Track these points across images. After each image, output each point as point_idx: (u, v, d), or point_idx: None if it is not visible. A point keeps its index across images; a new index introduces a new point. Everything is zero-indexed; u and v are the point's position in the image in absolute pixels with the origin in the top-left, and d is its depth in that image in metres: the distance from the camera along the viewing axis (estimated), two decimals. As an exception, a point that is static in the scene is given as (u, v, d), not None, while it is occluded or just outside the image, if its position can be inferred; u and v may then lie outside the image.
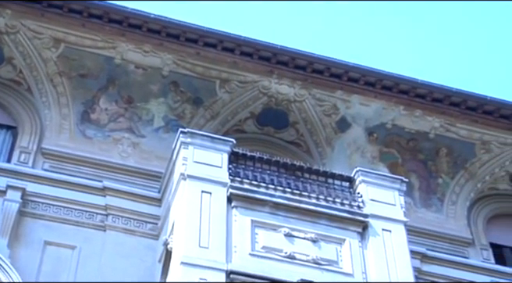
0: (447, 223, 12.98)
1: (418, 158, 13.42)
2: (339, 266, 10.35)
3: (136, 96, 12.79)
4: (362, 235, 10.76)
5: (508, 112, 13.25)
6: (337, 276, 10.20)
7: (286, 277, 9.91)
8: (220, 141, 11.32)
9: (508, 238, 13.39)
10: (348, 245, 10.58)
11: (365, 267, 10.41)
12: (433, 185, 13.35)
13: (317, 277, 9.99)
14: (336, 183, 11.40)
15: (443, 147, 13.41)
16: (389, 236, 10.82)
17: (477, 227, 13.22)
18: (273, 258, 10.17)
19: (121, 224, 11.45)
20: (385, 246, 10.70)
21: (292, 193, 10.86)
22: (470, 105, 13.24)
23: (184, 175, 10.79)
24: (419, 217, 12.85)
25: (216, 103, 13.05)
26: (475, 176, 13.49)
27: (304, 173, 11.38)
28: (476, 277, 12.33)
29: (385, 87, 13.15)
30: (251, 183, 10.83)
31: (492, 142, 13.43)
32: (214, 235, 10.11)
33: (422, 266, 12.10)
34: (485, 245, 12.99)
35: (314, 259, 10.27)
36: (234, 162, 11.15)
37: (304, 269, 10.11)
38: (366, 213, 10.91)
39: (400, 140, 13.39)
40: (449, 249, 12.63)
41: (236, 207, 10.58)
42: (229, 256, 9.99)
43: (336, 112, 13.29)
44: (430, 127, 13.35)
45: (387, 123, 13.34)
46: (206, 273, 9.66)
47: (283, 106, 13.26)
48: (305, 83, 13.11)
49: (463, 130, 13.38)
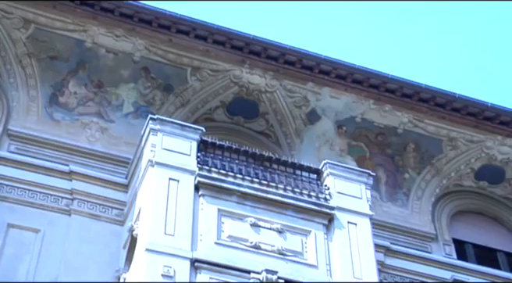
0: (412, 218, 13.11)
1: (386, 152, 13.53)
2: (303, 257, 10.40)
3: (106, 81, 12.68)
4: (328, 227, 10.82)
5: (475, 110, 13.41)
6: (301, 267, 10.25)
7: (250, 266, 9.94)
8: (189, 128, 11.28)
9: (470, 234, 13.57)
10: (313, 236, 10.63)
11: (329, 259, 10.47)
12: (399, 180, 13.47)
13: (281, 268, 10.03)
14: (304, 175, 11.45)
15: (411, 142, 13.53)
16: (354, 229, 10.90)
17: (441, 222, 13.38)
18: (238, 247, 10.18)
19: (86, 209, 11.37)
20: (350, 239, 10.77)
21: (259, 183, 10.87)
22: (438, 102, 13.37)
23: (152, 162, 10.74)
24: (384, 211, 12.96)
25: (187, 91, 13.00)
26: (441, 172, 13.64)
27: (272, 164, 11.40)
28: (438, 271, 12.49)
29: (356, 80, 13.22)
30: (219, 172, 10.82)
31: (459, 139, 13.59)
32: (180, 223, 10.09)
33: (386, 259, 12.21)
34: (447, 240, 13.16)
35: (280, 250, 10.30)
36: (203, 151, 11.13)
37: (268, 259, 10.14)
38: (332, 206, 10.97)
39: (369, 134, 13.49)
40: (413, 244, 12.77)
41: (204, 196, 10.57)
42: (194, 244, 9.98)
43: (307, 104, 13.33)
44: (399, 122, 13.45)
45: (356, 116, 13.42)
46: (171, 260, 9.64)
47: (254, 96, 13.26)
48: (277, 74, 13.11)
49: (431, 126, 13.51)
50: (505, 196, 13.98)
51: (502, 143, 13.60)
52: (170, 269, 9.56)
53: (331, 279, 10.24)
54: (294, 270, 10.14)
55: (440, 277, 12.42)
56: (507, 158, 13.68)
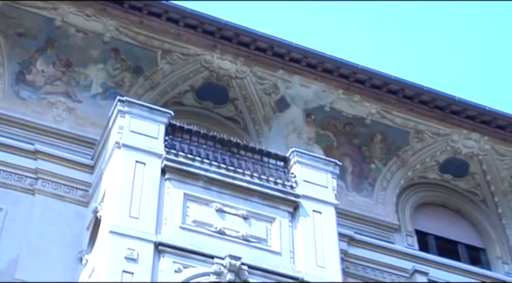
0: (376, 209, 13.22)
1: (353, 142, 13.60)
2: (267, 244, 10.43)
3: (75, 60, 12.53)
4: (293, 215, 10.86)
5: (443, 103, 13.54)
6: (265, 254, 10.28)
7: (214, 251, 9.94)
8: (158, 112, 11.21)
9: (433, 226, 13.73)
10: (278, 224, 10.66)
11: (293, 247, 10.53)
12: (366, 170, 13.56)
13: (245, 254, 10.05)
14: (271, 162, 11.46)
15: (378, 133, 13.62)
16: (319, 217, 10.96)
17: (404, 213, 13.51)
18: (203, 232, 10.18)
19: (51, 189, 11.26)
20: (314, 227, 10.83)
21: (226, 169, 10.87)
22: (407, 94, 13.46)
23: (119, 144, 10.67)
24: (349, 201, 13.05)
25: (156, 74, 12.91)
26: (407, 164, 13.76)
27: (240, 150, 11.40)
28: (400, 262, 12.62)
29: (326, 70, 13.25)
30: (186, 156, 10.79)
31: (426, 132, 13.71)
32: (145, 206, 10.05)
33: (349, 248, 12.30)
34: (410, 231, 13.30)
35: (244, 236, 10.32)
36: (171, 135, 11.08)
37: (232, 245, 10.16)
38: (298, 194, 11.01)
39: (337, 123, 13.54)
40: (376, 234, 12.88)
41: (170, 179, 10.53)
42: (158, 227, 9.95)
43: (276, 92, 13.33)
44: (367, 113, 13.53)
45: (325, 105, 13.46)
46: (134, 243, 9.60)
47: (224, 82, 13.22)
48: (247, 60, 13.08)
49: (398, 118, 13.61)
50: (468, 190, 14.15)
51: (467, 137, 13.76)
52: (133, 252, 9.52)
53: (294, 266, 10.29)
54: (258, 257, 10.17)
55: (402, 268, 12.55)
56: (472, 152, 13.85)
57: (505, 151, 13.86)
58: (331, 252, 10.62)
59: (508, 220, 13.88)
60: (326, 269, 10.40)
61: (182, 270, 9.68)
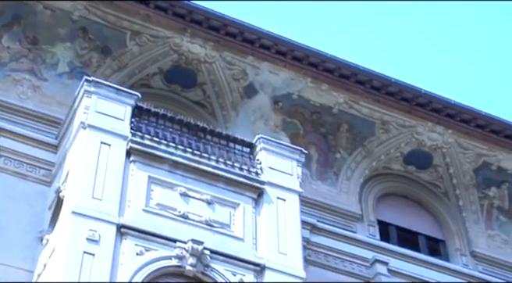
0: (339, 198, 13.30)
1: (320, 131, 13.65)
2: (230, 229, 10.44)
3: (42, 38, 12.35)
4: (257, 201, 10.89)
5: (409, 95, 13.63)
6: (228, 239, 10.30)
7: (177, 235, 9.93)
8: (125, 93, 11.11)
9: (395, 216, 13.87)
10: (242, 209, 10.68)
11: (256, 233, 10.55)
12: (331, 159, 13.63)
13: (208, 239, 10.05)
14: (237, 148, 11.45)
15: (345, 123, 13.69)
16: (282, 205, 10.99)
17: (367, 203, 13.62)
18: (166, 216, 10.15)
19: (13, 167, 11.12)
20: (277, 214, 10.86)
21: (192, 153, 10.83)
22: (374, 85, 13.53)
23: (84, 124, 10.56)
24: (313, 189, 13.11)
25: (125, 55, 12.79)
26: (372, 154, 13.86)
27: (206, 135, 11.36)
28: (361, 251, 12.73)
29: (296, 58, 13.25)
30: (152, 139, 10.73)
31: (392, 123, 13.81)
32: (108, 188, 9.98)
33: (311, 236, 12.37)
34: (372, 221, 13.42)
35: (207, 221, 10.32)
36: (137, 117, 11.00)
37: (195, 229, 10.15)
38: (263, 180, 11.03)
39: (304, 112, 13.57)
40: (339, 223, 12.97)
41: (135, 162, 10.47)
42: (121, 209, 9.90)
43: (245, 78, 13.31)
44: (334, 102, 13.58)
45: (293, 93, 13.48)
46: (96, 224, 9.54)
47: (193, 66, 13.15)
48: (217, 45, 13.03)
49: (365, 108, 13.68)
50: (430, 182, 14.31)
51: (432, 130, 13.90)
52: (95, 233, 9.46)
53: (256, 253, 10.32)
54: (220, 242, 10.18)
55: (362, 257, 12.67)
56: (436, 144, 14.00)
57: (468, 145, 14.03)
58: (293, 240, 10.67)
59: (468, 213, 14.08)
60: (288, 256, 10.45)
61: (144, 253, 9.65)
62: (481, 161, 14.12)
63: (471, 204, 14.13)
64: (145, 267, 9.54)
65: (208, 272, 9.83)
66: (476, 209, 14.12)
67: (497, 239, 14.03)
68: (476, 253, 13.68)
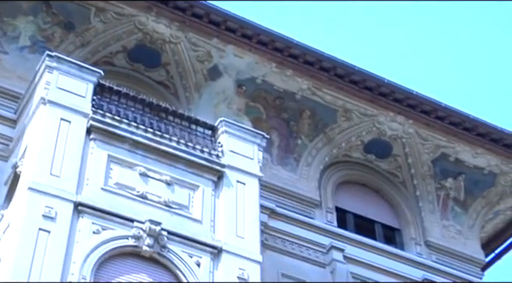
0: (299, 183, 13.36)
1: (282, 116, 13.67)
2: (189, 211, 10.43)
3: (3, 10, 12.11)
4: (216, 184, 10.88)
5: (372, 84, 13.72)
6: (186, 221, 10.28)
7: (134, 215, 9.88)
8: (87, 70, 10.98)
9: (353, 204, 13.99)
10: (201, 192, 10.67)
11: (214, 216, 10.55)
12: (292, 145, 13.67)
13: (166, 220, 10.03)
14: (199, 130, 11.42)
15: (307, 109, 13.73)
16: (242, 188, 11.01)
17: (326, 190, 13.71)
18: (124, 195, 10.09)
19: (-31, 141, 10.95)
20: (236, 198, 10.87)
21: (153, 134, 10.77)
22: (338, 73, 13.58)
23: (45, 100, 10.41)
24: (274, 174, 13.15)
25: (89, 31, 12.63)
26: (333, 141, 13.93)
27: (168, 116, 11.30)
28: (318, 237, 12.83)
29: (261, 42, 13.22)
30: (113, 118, 10.63)
31: (354, 111, 13.89)
32: (67, 165, 9.87)
33: (269, 221, 12.43)
34: (330, 208, 13.52)
35: (166, 202, 10.29)
36: (99, 95, 10.88)
37: (154, 210, 10.11)
38: (223, 163, 11.02)
39: (268, 96, 13.57)
40: (297, 209, 13.05)
41: (95, 140, 10.37)
42: (79, 187, 9.81)
43: (209, 60, 13.25)
44: (298, 88, 13.60)
45: (257, 78, 13.46)
46: (53, 201, 9.44)
47: (157, 45, 13.04)
48: (183, 25, 12.93)
49: (328, 95, 13.73)
50: (389, 171, 14.45)
51: (393, 119, 14.02)
52: (52, 210, 9.37)
53: (213, 235, 10.33)
54: (178, 223, 10.16)
55: (319, 243, 12.77)
56: (396, 134, 14.13)
57: (427, 135, 14.20)
58: (251, 224, 10.70)
59: (424, 203, 14.27)
60: (245, 240, 10.48)
61: (100, 231, 9.59)
62: (439, 152, 14.31)
63: (427, 194, 14.32)
64: (101, 246, 9.49)
65: (164, 253, 9.81)
66: (432, 199, 14.32)
67: (451, 230, 14.26)
68: (430, 243, 13.89)
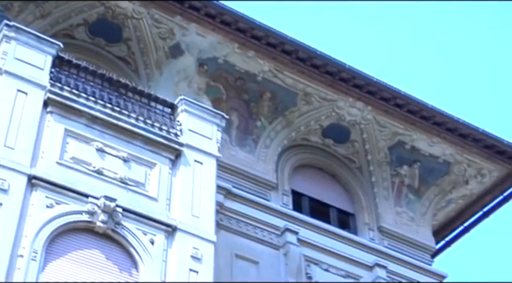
0: (257, 165, 13.39)
1: (242, 98, 13.65)
2: (145, 189, 10.38)
3: (-38, -24, 11.83)
4: (174, 163, 10.84)
5: (333, 69, 13.77)
6: (141, 198, 10.23)
7: (89, 191, 9.80)
8: (46, 42, 10.78)
9: (309, 187, 14.08)
10: (158, 170, 10.62)
11: (171, 194, 10.52)
12: (251, 126, 13.67)
13: (121, 196, 9.97)
14: (158, 107, 11.34)
15: (268, 91, 13.73)
16: (199, 168, 10.99)
17: (283, 173, 13.76)
18: (80, 170, 9.99)
19: None
20: (193, 177, 10.85)
21: (112, 109, 10.66)
22: (300, 56, 13.60)
23: (1, 70, 10.21)
24: (231, 155, 13.14)
25: (49, 2, 12.41)
26: (292, 124, 13.97)
27: (128, 92, 11.19)
28: (273, 219, 12.89)
29: (225, 22, 13.16)
30: (72, 91, 10.49)
31: (314, 95, 13.94)
32: (22, 137, 9.72)
33: (225, 201, 12.44)
34: (287, 191, 13.58)
35: (122, 179, 10.22)
36: (57, 67, 10.71)
37: (109, 186, 10.04)
38: (182, 142, 10.98)
39: (229, 77, 13.53)
40: (253, 190, 13.08)
41: (52, 113, 10.22)
42: (34, 160, 9.68)
43: (172, 38, 13.14)
44: (259, 70, 13.58)
45: (219, 58, 13.40)
46: (6, 173, 9.30)
47: (119, 20, 12.88)
48: (145, 1, 12.79)
49: (289, 78, 13.75)
50: (346, 156, 14.56)
51: (352, 105, 14.10)
52: (5, 182, 9.23)
53: (168, 213, 10.31)
54: (134, 200, 10.11)
55: (274, 225, 12.84)
56: (355, 120, 14.22)
57: (385, 122, 14.32)
58: (207, 203, 10.70)
59: (379, 189, 14.43)
60: (200, 219, 10.48)
61: (54, 205, 9.50)
62: (396, 139, 14.45)
63: (382, 180, 14.48)
64: (54, 220, 9.39)
65: (118, 230, 9.76)
66: (387, 185, 14.48)
67: (404, 216, 14.46)
68: (383, 228, 14.07)
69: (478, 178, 14.89)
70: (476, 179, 14.88)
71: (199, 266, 10.00)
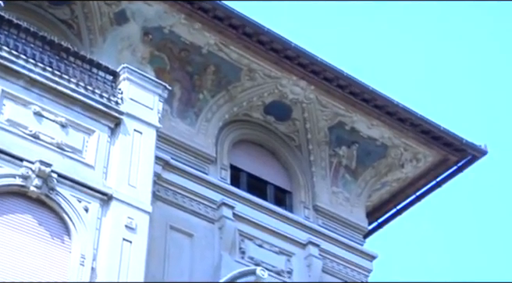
0: (197, 138, 13.35)
1: (186, 69, 13.55)
2: (82, 155, 10.26)
3: None
4: (113, 131, 10.73)
5: (279, 47, 13.76)
6: (78, 165, 10.11)
7: (24, 154, 9.63)
8: (-14, -1, 10.48)
9: (248, 163, 14.13)
10: (97, 137, 10.49)
11: (108, 163, 10.43)
12: (193, 99, 13.61)
13: (57, 162, 9.82)
14: (100, 74, 11.17)
15: (212, 65, 13.66)
16: (138, 137, 10.90)
17: (223, 147, 13.76)
18: (16, 133, 9.80)
19: None
20: (132, 146, 10.77)
21: (52, 73, 10.46)
22: (247, 31, 13.54)
23: None
24: (172, 126, 13.07)
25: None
26: (234, 99, 13.95)
27: (69, 57, 10.97)
28: (210, 193, 12.89)
29: (171, -9, 12.99)
30: (11, 52, 10.24)
31: (258, 72, 13.93)
32: (-44, 96, 9.47)
33: (163, 173, 12.38)
34: (225, 165, 13.59)
35: (59, 144, 10.07)
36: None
37: (45, 151, 9.88)
38: (122, 111, 10.86)
39: (174, 47, 13.40)
40: (192, 163, 13.04)
41: (-12, 73, 9.98)
42: (-32, 121, 9.45)
43: (117, 4, 12.92)
44: (205, 43, 13.49)
45: (165, 27, 13.25)
46: None
47: (64, -17, 12.60)
48: (93, -35, 12.54)
49: (235, 53, 13.69)
50: (287, 134, 14.64)
51: (295, 83, 14.16)
52: None
53: (105, 182, 10.22)
54: (70, 167, 9.98)
55: (211, 199, 12.86)
56: (297, 98, 14.30)
57: (327, 103, 14.43)
58: (144, 174, 10.64)
59: (317, 169, 14.58)
60: (137, 189, 10.43)
61: (-13, 168, 9.31)
62: (336, 120, 14.59)
63: (321, 160, 14.63)
64: (-14, 183, 9.22)
65: (52, 195, 9.63)
66: (325, 165, 14.64)
67: (340, 196, 14.67)
68: (318, 207, 14.25)
69: (413, 162, 15.18)
70: (411, 163, 15.17)
71: (133, 236, 9.96)
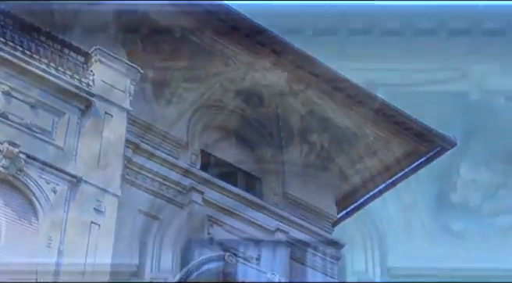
0: (168, 122, 13.24)
1: (159, 52, 13.43)
2: (52, 137, 10.20)
3: None
4: (83, 113, 10.68)
5: (253, 32, 13.68)
6: (47, 146, 10.06)
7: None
8: (-43, -24, 10.33)
9: (218, 149, 14.11)
10: (67, 119, 10.44)
11: (78, 145, 10.37)
12: (165, 83, 13.52)
13: (25, 143, 9.76)
14: (72, 55, 11.09)
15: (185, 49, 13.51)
16: (109, 120, 10.87)
17: (194, 132, 13.71)
18: (-16, 113, 9.70)
19: None
20: (103, 129, 10.73)
21: (22, 52, 10.37)
22: (221, 17, 13.42)
23: None
24: (143, 110, 12.97)
25: None
26: (207, 85, 13.89)
27: (41, 36, 10.86)
28: (179, 177, 12.86)
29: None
30: (-20, 30, 10.11)
31: (231, 57, 13.84)
32: None
33: (133, 156, 12.32)
34: (196, 150, 13.56)
35: (28, 125, 10.00)
36: (-33, 4, 10.29)
37: (13, 131, 9.81)
38: (93, 93, 10.80)
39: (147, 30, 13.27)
40: (162, 147, 12.98)
41: (-43, 51, 9.84)
42: None
43: (92, -17, 12.78)
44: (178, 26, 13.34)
45: (139, 10, 13.12)
46: None
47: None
48: None
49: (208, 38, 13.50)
50: (259, 120, 14.59)
51: (268, 70, 14.05)
52: None
53: (74, 164, 10.17)
54: (39, 148, 9.93)
55: (180, 183, 12.83)
56: (269, 85, 14.25)
57: (299, 90, 14.44)
58: (114, 157, 10.62)
59: (288, 156, 14.61)
60: (106, 172, 10.41)
61: (-47, 147, 9.20)
62: (309, 108, 14.61)
63: (292, 147, 14.66)
64: (-48, 163, 9.12)
65: (20, 176, 9.58)
66: (296, 153, 14.68)
67: (310, 184, 14.72)
68: (288, 195, 14.29)
69: (383, 152, 15.28)
70: (382, 152, 15.27)
71: (101, 219, 9.95)
